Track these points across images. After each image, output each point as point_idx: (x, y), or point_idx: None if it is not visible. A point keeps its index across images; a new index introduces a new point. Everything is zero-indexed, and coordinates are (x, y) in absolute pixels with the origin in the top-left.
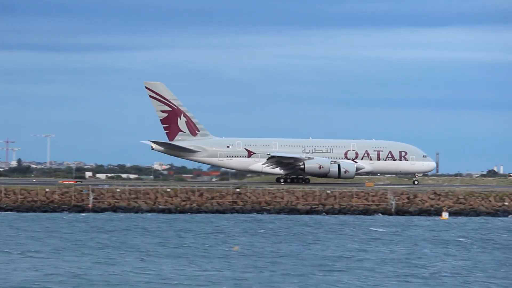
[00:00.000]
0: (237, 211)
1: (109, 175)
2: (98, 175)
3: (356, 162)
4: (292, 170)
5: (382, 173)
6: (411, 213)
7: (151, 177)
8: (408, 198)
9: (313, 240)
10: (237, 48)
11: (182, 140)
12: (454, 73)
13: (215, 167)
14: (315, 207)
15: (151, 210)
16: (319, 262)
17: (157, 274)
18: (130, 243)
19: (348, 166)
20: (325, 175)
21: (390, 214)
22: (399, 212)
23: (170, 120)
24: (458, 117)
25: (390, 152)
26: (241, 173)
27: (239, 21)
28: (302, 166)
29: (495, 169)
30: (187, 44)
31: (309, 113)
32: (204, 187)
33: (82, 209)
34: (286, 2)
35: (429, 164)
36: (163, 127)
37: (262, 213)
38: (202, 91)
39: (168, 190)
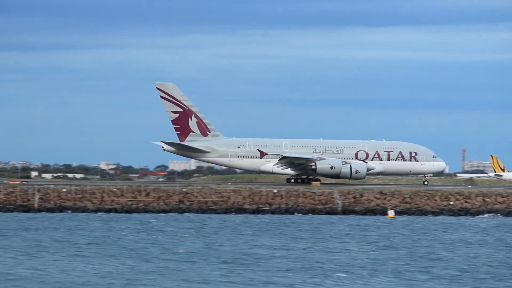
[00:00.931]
0: (184, 211)
1: (55, 174)
2: (44, 175)
3: (366, 162)
4: (303, 170)
5: (392, 174)
6: (357, 213)
7: (98, 176)
8: (354, 197)
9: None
10: (185, 48)
11: (193, 141)
12: (403, 73)
13: (162, 167)
14: (262, 207)
15: (97, 210)
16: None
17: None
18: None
19: (359, 166)
20: (336, 175)
21: (337, 213)
22: (345, 211)
23: (181, 121)
24: (406, 117)
25: (400, 152)
26: (252, 173)
27: (187, 21)
28: (313, 167)
29: None
30: (133, 43)
31: (258, 112)
32: (150, 187)
33: (28, 209)
34: (234, 2)
35: (439, 165)
36: (174, 127)
37: (209, 213)
38: (148, 90)
39: (115, 189)
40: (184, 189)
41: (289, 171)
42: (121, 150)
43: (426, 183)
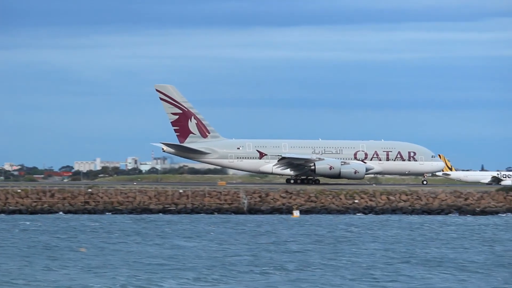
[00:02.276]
0: (89, 212)
1: None
2: None
3: (365, 162)
4: (302, 171)
5: (391, 174)
6: (263, 212)
7: (1, 177)
8: (260, 196)
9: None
10: (88, 49)
11: (193, 142)
12: (308, 73)
13: (67, 168)
14: (168, 207)
15: (1, 211)
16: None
17: None
18: None
19: (358, 166)
20: (336, 175)
21: (243, 213)
22: (251, 210)
23: (181, 122)
24: (301, 115)
25: (399, 152)
26: (251, 174)
27: (92, 22)
28: (312, 167)
29: None
30: (40, 44)
31: (164, 112)
32: (55, 188)
33: None
34: (135, 2)
35: (437, 164)
36: (174, 129)
37: (115, 213)
38: (54, 91)
39: (19, 190)
40: (89, 190)
41: (288, 171)
42: (24, 151)
43: (425, 182)
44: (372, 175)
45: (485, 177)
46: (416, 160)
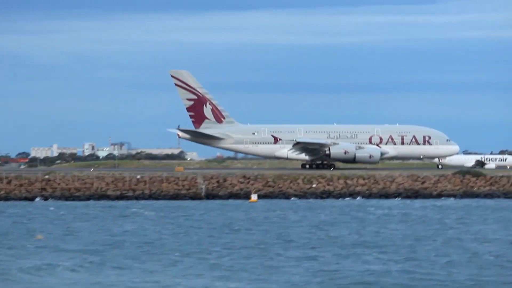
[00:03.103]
0: (46, 198)
1: None
2: None
3: (380, 147)
4: (317, 156)
5: (407, 158)
6: (221, 197)
7: None
8: (218, 182)
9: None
10: (46, 33)
11: (208, 128)
12: (266, 56)
13: (24, 154)
14: (125, 193)
15: None
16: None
17: None
18: None
19: (373, 151)
20: (351, 160)
21: (201, 198)
22: (209, 196)
23: (196, 108)
24: (267, 99)
25: (414, 136)
26: (266, 159)
27: (49, 7)
28: (327, 152)
29: None
30: None
31: (120, 98)
32: (12, 174)
33: None
34: None
35: (452, 148)
36: (189, 115)
37: (72, 200)
38: (9, 76)
39: None
40: (47, 176)
41: (303, 156)
42: None
43: (440, 166)
44: (388, 160)
45: (469, 160)
46: (431, 144)
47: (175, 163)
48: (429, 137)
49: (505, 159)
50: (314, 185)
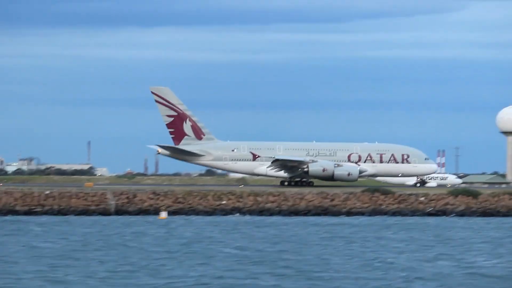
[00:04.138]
0: None
1: None
2: None
3: (359, 165)
4: (296, 173)
5: (385, 176)
6: (130, 213)
7: None
8: (127, 198)
9: None
10: None
11: (188, 144)
12: (177, 73)
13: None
14: (34, 208)
15: None
16: None
17: None
18: None
19: (352, 169)
20: (329, 177)
21: (110, 214)
22: (119, 212)
23: (176, 125)
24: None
25: (392, 155)
26: (246, 175)
27: None
28: (306, 169)
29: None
30: None
31: (29, 113)
32: None
33: None
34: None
35: (431, 167)
36: (169, 131)
37: None
38: None
39: None
40: None
41: (282, 173)
42: None
43: (418, 185)
44: (366, 177)
45: (411, 179)
46: (410, 163)
47: (85, 178)
48: (408, 156)
49: (446, 178)
50: (224, 202)
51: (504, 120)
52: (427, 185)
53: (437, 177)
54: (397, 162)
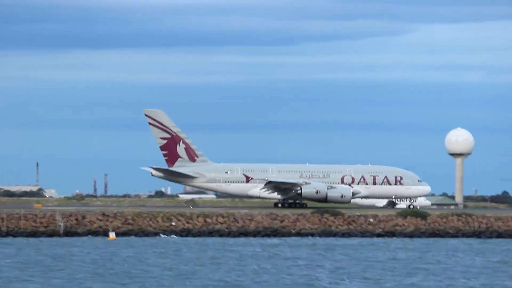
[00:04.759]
0: None
1: None
2: None
3: (352, 187)
4: (289, 195)
5: (378, 198)
6: (79, 234)
7: None
8: (76, 219)
9: None
10: None
11: (181, 166)
12: (121, 94)
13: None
14: None
15: None
16: None
17: None
18: None
19: (345, 190)
20: (323, 199)
21: (59, 235)
22: (68, 233)
23: (170, 147)
24: (127, 138)
25: (385, 177)
26: (239, 197)
27: None
28: (299, 191)
29: (163, 189)
30: None
31: None
32: None
33: None
34: None
35: (424, 189)
36: (163, 153)
37: None
38: None
39: None
40: None
41: (275, 195)
42: None
43: (411, 207)
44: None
45: (381, 201)
46: (403, 185)
47: (34, 200)
48: (401, 178)
49: (416, 200)
50: (173, 223)
51: (452, 142)
52: (397, 206)
53: (406, 199)
54: (390, 184)
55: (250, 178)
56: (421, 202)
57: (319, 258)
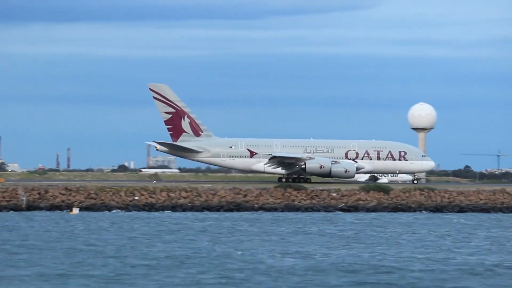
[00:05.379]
0: None
1: None
2: None
3: (356, 162)
4: (293, 170)
5: (382, 173)
6: (42, 209)
7: None
8: (39, 193)
9: None
10: None
11: (186, 141)
12: (97, 69)
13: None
14: None
15: None
16: None
17: None
18: None
19: (349, 165)
20: (326, 174)
21: (22, 210)
22: (30, 207)
23: (174, 121)
24: (89, 112)
25: (389, 152)
26: (243, 172)
27: None
28: (303, 166)
29: (126, 164)
30: None
31: None
32: None
33: None
34: None
35: (428, 164)
36: (167, 128)
37: None
38: None
39: None
40: None
41: (279, 170)
42: None
43: (415, 182)
44: (390, 175)
45: (362, 176)
46: (407, 160)
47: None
48: (405, 153)
49: (397, 175)
50: (136, 198)
51: (414, 116)
52: (379, 181)
53: (388, 174)
54: (394, 159)
55: (254, 153)
56: (403, 177)
57: (260, 232)
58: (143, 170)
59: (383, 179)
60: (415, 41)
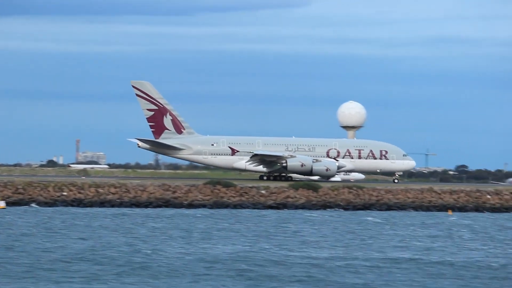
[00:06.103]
0: None
1: None
2: None
3: (337, 160)
4: (275, 168)
5: (363, 172)
6: None
7: None
8: None
9: None
10: None
11: (168, 138)
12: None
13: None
14: None
15: None
16: None
17: None
18: None
19: (330, 164)
20: (308, 172)
21: None
22: None
23: (156, 119)
24: (18, 107)
25: (371, 151)
26: (225, 170)
27: None
28: (284, 164)
29: (55, 159)
30: None
31: None
32: None
33: None
34: None
35: (409, 163)
36: (149, 125)
37: None
38: None
39: None
40: None
41: (261, 168)
42: None
43: (396, 181)
44: (343, 173)
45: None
46: (388, 159)
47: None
48: (386, 152)
49: (350, 173)
50: (65, 193)
51: (344, 115)
52: (332, 179)
53: (342, 172)
54: (376, 158)
55: (236, 151)
56: (355, 176)
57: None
58: (72, 165)
59: (336, 177)
60: (345, 39)
